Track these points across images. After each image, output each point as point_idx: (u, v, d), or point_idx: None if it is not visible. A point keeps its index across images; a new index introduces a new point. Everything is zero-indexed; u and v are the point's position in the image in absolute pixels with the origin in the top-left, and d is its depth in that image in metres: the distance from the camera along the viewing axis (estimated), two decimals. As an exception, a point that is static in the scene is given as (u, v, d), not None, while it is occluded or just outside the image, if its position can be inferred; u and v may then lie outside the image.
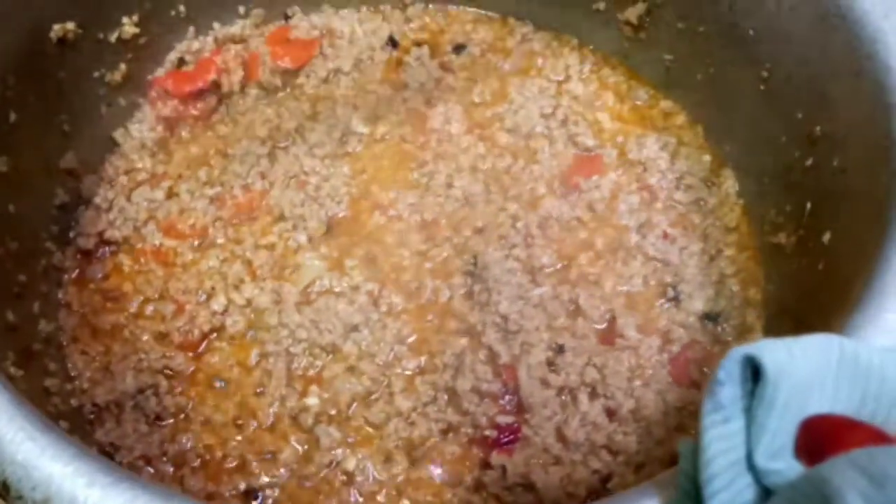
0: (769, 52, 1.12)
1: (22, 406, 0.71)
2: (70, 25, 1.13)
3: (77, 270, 1.17)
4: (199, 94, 1.29)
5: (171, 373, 1.09)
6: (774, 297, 1.13)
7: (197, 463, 1.04)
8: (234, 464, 1.04)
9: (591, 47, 1.38)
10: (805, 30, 1.05)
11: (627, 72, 1.35)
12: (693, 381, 1.09)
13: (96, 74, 1.22)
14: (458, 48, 1.38)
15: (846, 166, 0.99)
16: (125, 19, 1.22)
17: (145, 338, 1.12)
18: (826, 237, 0.99)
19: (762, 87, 1.15)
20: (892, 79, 0.92)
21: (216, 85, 1.30)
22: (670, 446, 1.03)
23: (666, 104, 1.32)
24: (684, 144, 1.28)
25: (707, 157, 1.26)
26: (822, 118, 1.04)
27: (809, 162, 1.06)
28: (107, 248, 1.19)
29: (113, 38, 1.21)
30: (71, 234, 1.19)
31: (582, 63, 1.36)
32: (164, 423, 1.06)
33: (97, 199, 1.21)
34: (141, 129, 1.28)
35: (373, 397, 1.08)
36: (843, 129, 1.00)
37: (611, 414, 1.06)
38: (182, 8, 1.29)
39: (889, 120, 0.90)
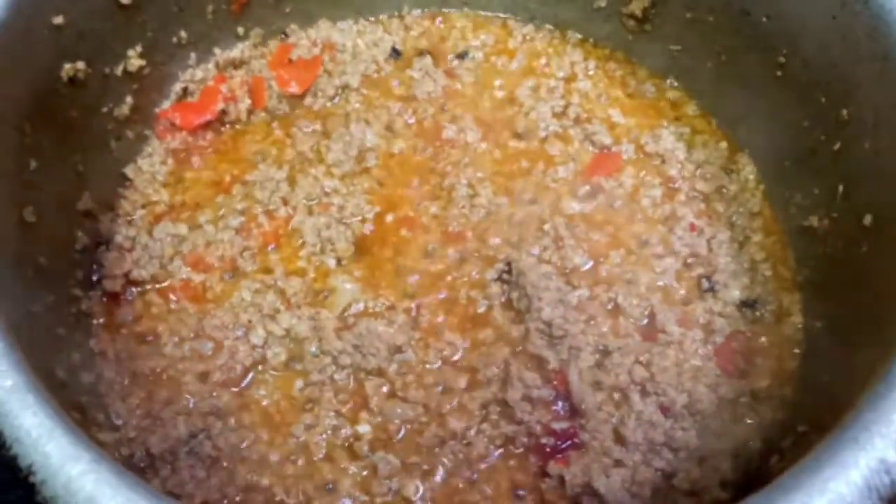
0: (785, 38, 1.14)
1: (125, 477, 0.68)
2: (80, 64, 1.09)
3: (106, 315, 1.13)
4: (207, 125, 1.26)
5: (219, 413, 1.07)
6: (810, 280, 1.14)
7: (260, 501, 1.02)
8: (297, 500, 1.02)
9: (594, 42, 1.38)
10: (824, 16, 1.06)
11: (633, 65, 1.36)
12: (741, 370, 1.10)
13: (105, 109, 1.18)
14: (462, 55, 1.37)
15: (879, 149, 1.00)
16: (130, 52, 1.19)
17: (187, 379, 1.09)
18: (867, 220, 1.01)
19: (778, 73, 1.16)
20: (924, 61, 0.94)
21: (223, 113, 1.28)
22: (731, 438, 1.04)
23: (675, 94, 1.33)
24: (699, 133, 1.29)
25: (723, 144, 1.28)
26: (848, 102, 1.05)
27: (837, 145, 1.08)
28: (134, 289, 1.15)
29: (119, 71, 1.18)
30: (94, 278, 1.15)
31: (586, 59, 1.36)
32: (220, 465, 1.03)
33: (118, 239, 1.17)
34: (152, 162, 1.25)
35: (424, 420, 1.07)
36: (873, 112, 1.01)
37: (665, 410, 1.07)
38: (183, 34, 1.26)
39: (927, 102, 0.92)
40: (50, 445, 0.70)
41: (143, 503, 0.67)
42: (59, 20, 1.05)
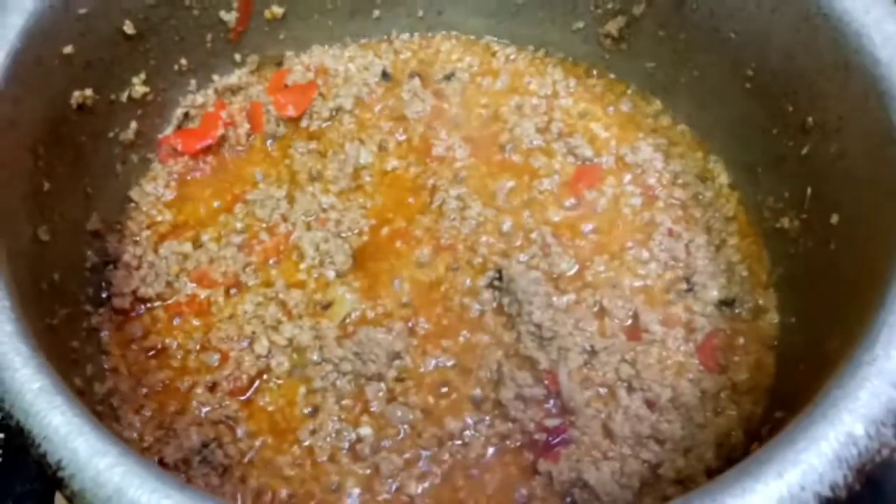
0: (753, 52, 1.20)
1: (151, 468, 0.73)
2: (88, 92, 1.15)
3: (116, 330, 1.18)
4: (207, 149, 1.32)
5: (229, 421, 1.11)
6: (785, 278, 1.20)
7: (271, 504, 1.07)
8: (304, 501, 1.07)
9: (574, 61, 1.45)
10: (788, 30, 1.13)
11: (612, 81, 1.43)
12: (722, 366, 1.16)
13: (111, 135, 1.24)
14: (448, 76, 1.43)
15: (844, 152, 1.06)
16: (135, 79, 1.25)
17: (199, 391, 1.13)
18: (834, 219, 1.07)
19: (748, 86, 1.23)
20: (882, 69, 1.00)
21: (223, 138, 1.34)
22: (714, 428, 1.10)
23: (652, 108, 1.40)
24: (675, 144, 1.36)
25: (698, 154, 1.35)
26: (813, 109, 1.12)
27: (805, 150, 1.14)
28: (143, 306, 1.20)
29: (124, 98, 1.24)
30: (103, 295, 1.20)
31: (567, 77, 1.43)
32: (232, 472, 1.08)
33: (126, 257, 1.22)
34: (156, 185, 1.31)
35: (423, 422, 1.12)
36: (836, 118, 1.07)
37: (651, 405, 1.12)
38: (184, 61, 1.32)
39: (886, 108, 0.98)
40: (78, 441, 0.74)
41: (169, 491, 0.71)
42: (69, 50, 1.11)
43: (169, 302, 1.21)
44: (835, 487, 0.73)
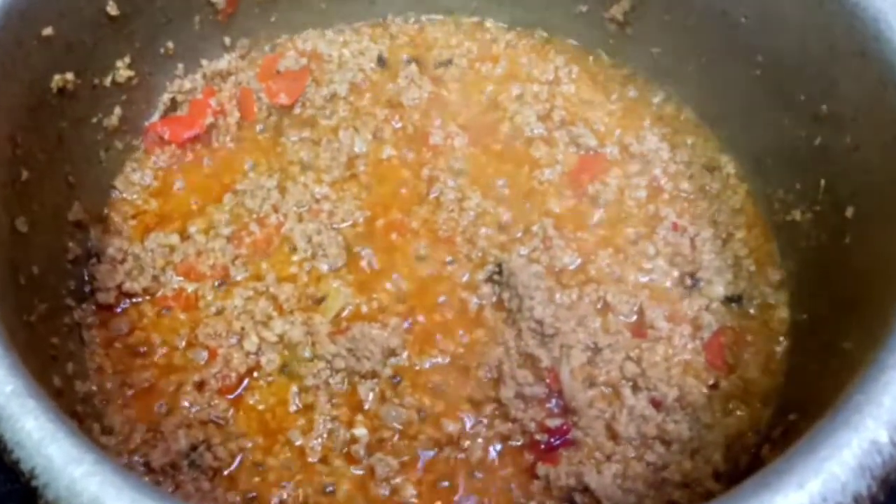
0: (764, 38, 1.16)
1: (129, 477, 0.69)
2: (69, 76, 1.10)
3: (100, 327, 1.13)
4: (195, 138, 1.28)
5: (218, 422, 1.07)
6: (794, 273, 1.16)
7: (261, 509, 1.02)
8: (297, 503, 1.03)
9: (577, 46, 1.41)
10: (801, 15, 1.09)
11: (616, 68, 1.39)
12: (730, 365, 1.12)
13: (94, 120, 1.19)
14: (447, 62, 1.38)
15: (859, 143, 1.03)
16: (118, 62, 1.20)
17: (184, 389, 1.09)
18: (849, 212, 1.03)
19: (758, 73, 1.19)
20: (902, 56, 0.96)
21: (212, 127, 1.29)
22: (722, 429, 1.06)
23: (658, 96, 1.35)
24: (681, 133, 1.32)
25: (706, 143, 1.31)
26: (827, 98, 1.08)
27: (818, 141, 1.10)
28: (128, 301, 1.15)
29: (108, 82, 1.20)
30: (86, 289, 1.15)
31: (569, 63, 1.39)
32: (222, 475, 1.04)
33: (111, 251, 1.18)
34: (142, 174, 1.26)
35: (419, 422, 1.08)
36: (852, 107, 1.04)
37: (657, 404, 1.08)
38: (170, 44, 1.27)
39: (906, 96, 0.94)
40: (52, 448, 0.70)
41: (147, 502, 0.67)
42: (48, 32, 1.06)
43: (155, 297, 1.16)
44: (858, 498, 0.70)
